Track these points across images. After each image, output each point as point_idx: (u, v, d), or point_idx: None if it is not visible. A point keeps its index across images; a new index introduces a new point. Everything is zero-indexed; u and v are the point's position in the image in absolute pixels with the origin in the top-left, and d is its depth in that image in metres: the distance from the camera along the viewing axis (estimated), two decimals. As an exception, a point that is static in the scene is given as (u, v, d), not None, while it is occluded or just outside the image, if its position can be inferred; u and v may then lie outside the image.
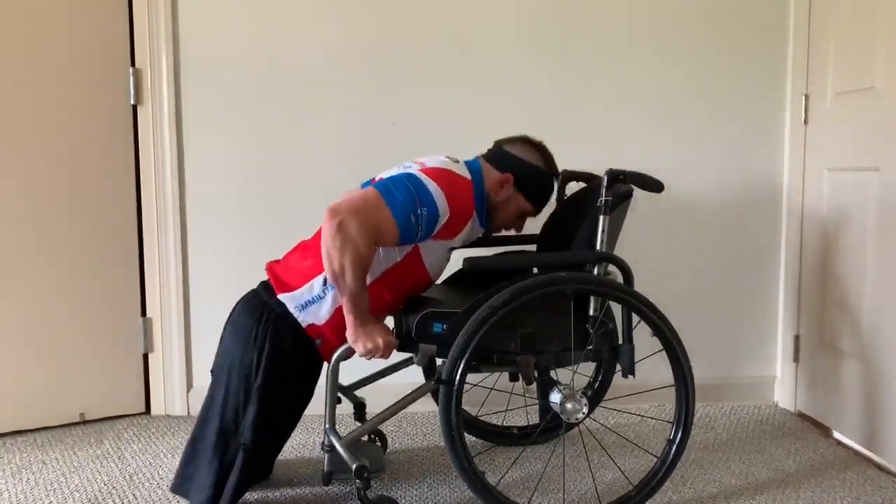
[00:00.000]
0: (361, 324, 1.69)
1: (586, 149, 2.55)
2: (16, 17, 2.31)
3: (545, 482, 2.01)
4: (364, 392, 2.08)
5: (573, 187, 2.13)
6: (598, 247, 1.72)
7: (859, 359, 2.21)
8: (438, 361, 1.83)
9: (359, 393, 2.08)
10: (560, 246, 1.94)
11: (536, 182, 1.90)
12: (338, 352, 1.78)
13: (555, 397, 1.74)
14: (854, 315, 2.24)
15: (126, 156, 2.51)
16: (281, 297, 1.78)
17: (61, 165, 2.40)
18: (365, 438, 2.09)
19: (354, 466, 1.67)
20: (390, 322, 1.86)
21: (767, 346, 2.69)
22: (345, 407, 1.99)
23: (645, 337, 1.75)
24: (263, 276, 1.88)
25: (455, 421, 1.61)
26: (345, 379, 1.92)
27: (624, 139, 2.58)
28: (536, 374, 1.75)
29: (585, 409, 1.73)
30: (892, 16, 2.06)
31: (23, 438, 2.37)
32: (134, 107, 2.50)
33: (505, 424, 2.32)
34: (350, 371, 1.99)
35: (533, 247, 2.19)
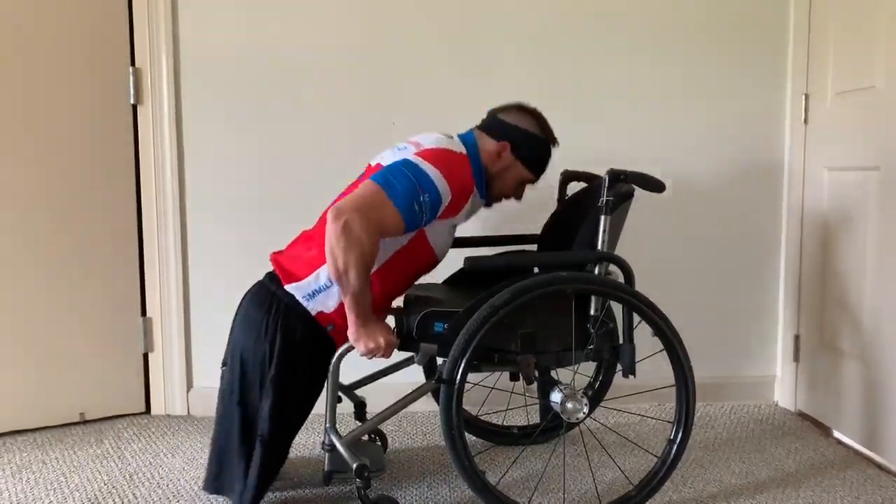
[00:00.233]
0: (363, 323, 1.69)
1: (586, 147, 2.56)
2: (15, 17, 2.31)
3: (545, 482, 2.01)
4: (364, 391, 2.08)
5: (574, 187, 2.14)
6: (599, 247, 1.72)
7: (859, 358, 2.21)
8: (439, 361, 1.83)
9: (359, 392, 2.07)
10: (561, 246, 1.94)
11: (534, 149, 1.88)
12: (338, 351, 1.78)
13: (555, 397, 1.74)
14: (854, 314, 2.24)
15: (126, 155, 2.50)
16: (288, 288, 1.77)
17: (61, 165, 2.40)
18: (365, 438, 2.09)
19: (355, 466, 1.67)
20: (391, 321, 1.86)
21: (767, 346, 2.70)
22: (345, 406, 1.99)
23: (645, 337, 1.75)
24: (264, 275, 1.88)
25: (456, 420, 1.62)
26: (345, 378, 1.92)
27: (623, 138, 2.58)
28: (537, 374, 1.75)
29: (586, 409, 1.73)
30: (893, 15, 2.06)
31: (23, 438, 2.37)
32: (134, 106, 2.50)
33: (505, 424, 2.32)
34: (350, 370, 2.00)
35: (534, 247, 2.19)
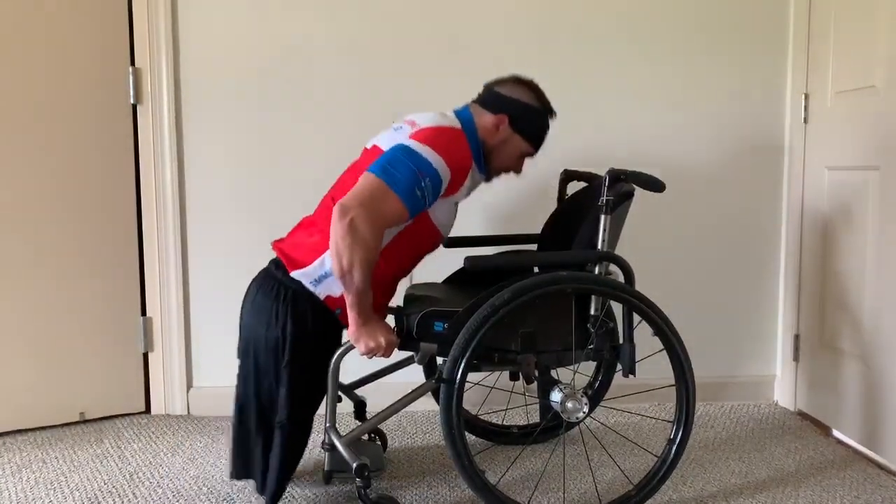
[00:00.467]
0: (364, 322, 1.69)
1: (585, 147, 2.57)
2: (15, 17, 2.31)
3: (545, 481, 2.01)
4: (364, 391, 2.08)
5: (574, 187, 2.14)
6: (600, 246, 1.72)
7: (859, 358, 2.21)
8: (439, 360, 1.84)
9: (359, 392, 2.08)
10: (561, 245, 1.94)
11: (532, 121, 1.87)
12: (338, 351, 1.78)
13: (555, 396, 1.74)
14: (854, 314, 2.24)
15: (126, 155, 2.50)
16: (294, 275, 1.77)
17: (61, 165, 2.40)
18: (365, 437, 2.09)
19: (355, 465, 1.67)
20: (391, 321, 1.86)
21: (767, 346, 2.70)
22: (345, 406, 1.99)
23: (646, 336, 1.75)
24: (268, 263, 1.87)
25: (456, 420, 1.62)
26: (345, 378, 1.92)
27: (623, 138, 2.58)
28: (537, 374, 1.75)
29: (586, 409, 1.73)
30: (893, 15, 2.06)
31: (23, 437, 2.37)
32: (134, 106, 2.50)
33: (505, 423, 2.32)
34: (350, 370, 2.00)
35: (534, 246, 2.19)
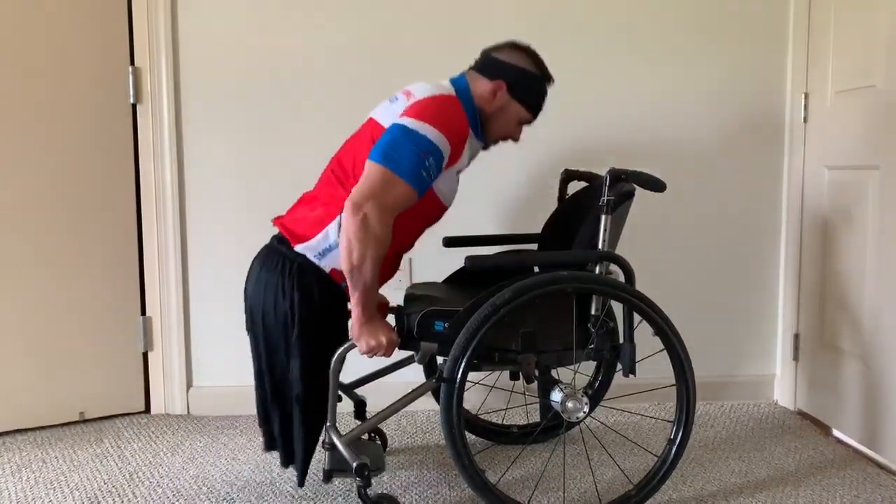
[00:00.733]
0: (367, 320, 1.69)
1: (584, 146, 2.57)
2: (15, 16, 2.31)
3: (545, 481, 2.01)
4: (364, 390, 2.08)
5: (574, 186, 2.14)
6: (600, 246, 1.72)
7: (859, 357, 2.21)
8: (439, 360, 1.84)
9: (359, 391, 2.08)
10: (561, 245, 1.94)
11: (529, 86, 1.85)
12: (339, 350, 1.78)
13: (556, 396, 1.74)
14: (854, 313, 2.24)
15: (125, 155, 2.50)
16: (298, 249, 1.76)
17: (61, 164, 2.40)
18: (365, 437, 2.09)
19: (355, 464, 1.66)
20: (391, 320, 1.86)
21: (767, 345, 2.70)
22: (345, 405, 1.99)
23: (646, 336, 1.75)
24: (270, 238, 1.87)
25: (456, 419, 1.62)
26: (345, 377, 1.92)
27: (622, 138, 2.58)
28: (537, 373, 1.75)
29: (586, 408, 1.73)
30: (892, 14, 2.06)
31: (22, 437, 2.37)
32: (133, 105, 2.50)
33: (505, 423, 2.32)
34: (351, 369, 2.00)
35: (534, 246, 2.19)
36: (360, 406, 2.08)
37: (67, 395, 2.46)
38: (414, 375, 2.12)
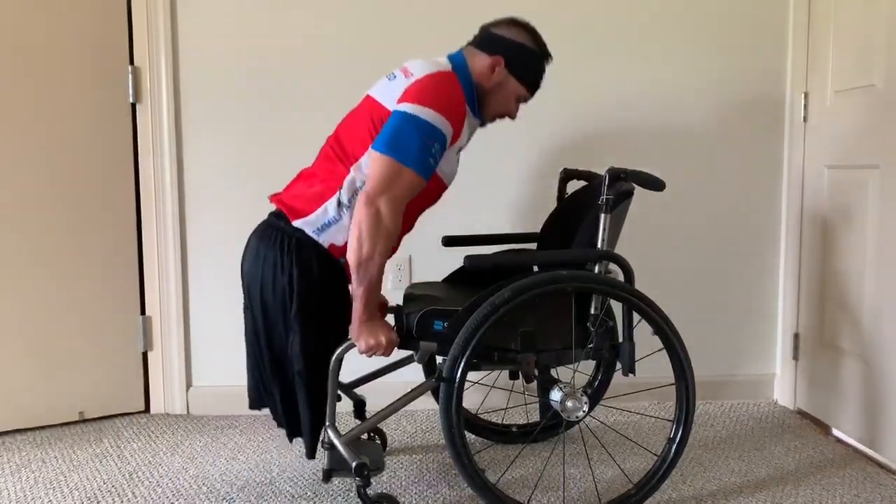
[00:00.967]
0: (368, 319, 1.70)
1: (584, 145, 2.57)
2: (15, 16, 2.30)
3: (545, 480, 2.01)
4: (364, 390, 2.08)
5: (574, 186, 2.14)
6: (599, 245, 1.72)
7: (859, 357, 2.21)
8: (438, 359, 1.83)
9: (358, 391, 2.07)
10: (561, 244, 1.94)
11: (528, 62, 1.84)
12: (338, 350, 1.78)
13: (555, 395, 1.74)
14: (854, 313, 2.24)
15: (125, 154, 2.50)
16: (297, 224, 1.75)
17: (60, 164, 2.40)
18: (364, 436, 2.09)
19: (354, 464, 1.66)
20: (391, 320, 1.86)
21: (767, 344, 2.70)
22: (344, 405, 1.99)
23: (645, 335, 1.75)
24: (268, 214, 1.87)
25: (455, 419, 1.62)
26: (345, 377, 1.92)
27: (622, 137, 2.58)
28: (536, 373, 1.75)
29: (586, 408, 1.73)
30: (892, 13, 2.06)
31: (22, 437, 2.37)
32: (133, 105, 2.50)
33: (504, 423, 2.32)
34: (350, 369, 2.00)
35: (533, 245, 2.19)
36: (360, 405, 2.08)
37: (67, 395, 2.46)
38: (413, 375, 2.12)
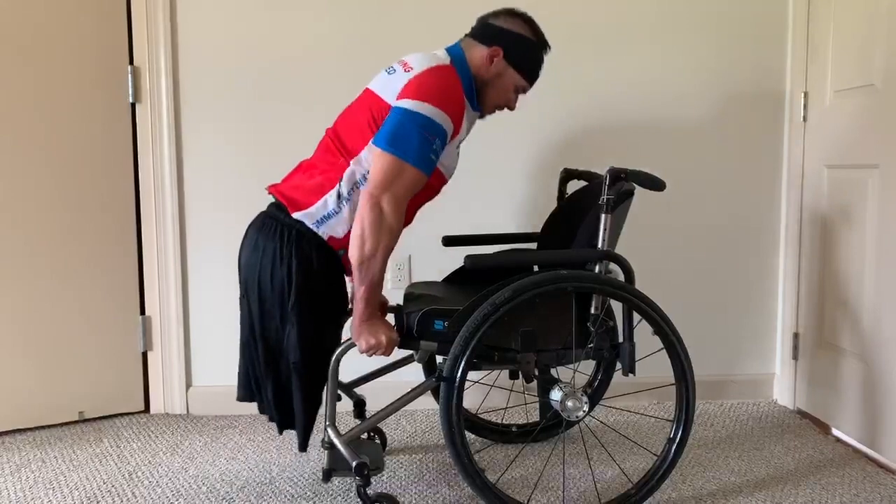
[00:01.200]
0: (368, 317, 1.70)
1: (584, 145, 2.57)
2: (14, 16, 2.30)
3: (545, 480, 2.01)
4: (364, 389, 2.08)
5: (574, 186, 2.14)
6: (600, 245, 1.72)
7: (859, 356, 2.21)
8: (439, 359, 1.83)
9: (358, 390, 2.08)
10: (561, 244, 1.94)
11: (526, 52, 1.84)
12: (338, 350, 1.78)
13: (555, 395, 1.74)
14: (853, 313, 2.24)
15: (124, 154, 2.50)
16: (296, 216, 1.75)
17: (60, 164, 2.40)
18: (364, 436, 2.09)
19: (354, 464, 1.67)
20: (391, 319, 1.86)
21: (767, 344, 2.70)
22: (344, 404, 1.99)
23: (645, 335, 1.75)
24: (267, 206, 1.86)
25: (455, 419, 1.62)
26: (345, 376, 1.92)
27: (622, 137, 2.58)
28: (537, 372, 1.75)
29: (586, 407, 1.73)
30: (891, 13, 2.06)
31: (22, 437, 2.36)
32: (132, 105, 2.50)
33: (505, 422, 2.32)
34: (350, 368, 2.00)
35: (534, 245, 2.19)
36: (360, 405, 2.08)
37: (67, 395, 2.46)
38: (413, 375, 2.12)
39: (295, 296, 1.71)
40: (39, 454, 2.22)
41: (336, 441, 1.74)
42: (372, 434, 2.16)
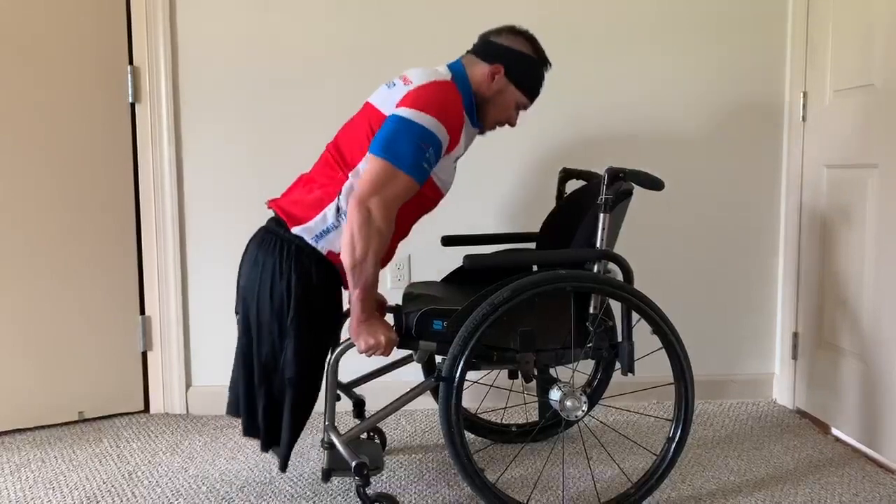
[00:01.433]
0: (366, 318, 1.70)
1: (584, 145, 2.57)
2: (14, 16, 2.30)
3: (544, 480, 2.01)
4: (363, 389, 2.08)
5: (572, 185, 2.14)
6: (599, 245, 1.72)
7: (858, 356, 2.21)
8: (438, 359, 1.84)
9: (358, 390, 2.08)
10: (560, 244, 1.94)
11: (527, 70, 1.85)
12: (337, 349, 1.78)
13: (554, 395, 1.74)
14: (853, 312, 2.24)
15: (124, 154, 2.50)
16: (295, 231, 1.75)
17: (59, 164, 2.40)
18: (364, 436, 2.09)
19: (354, 464, 1.67)
20: (390, 319, 1.86)
21: (766, 344, 2.70)
22: (344, 404, 2.00)
23: (645, 335, 1.75)
24: (266, 221, 1.87)
25: (455, 418, 1.62)
26: (344, 376, 1.92)
27: (621, 136, 2.58)
28: (536, 372, 1.75)
29: (585, 407, 1.74)
30: (891, 13, 2.06)
31: (22, 437, 2.37)
32: (132, 105, 2.50)
33: (504, 422, 2.32)
34: (349, 368, 2.00)
35: (532, 245, 2.19)
36: (359, 405, 2.08)
37: (66, 395, 2.46)
38: (413, 374, 2.12)
39: (294, 310, 1.71)
40: (39, 454, 2.22)
41: (336, 441, 1.74)
42: (371, 434, 2.16)
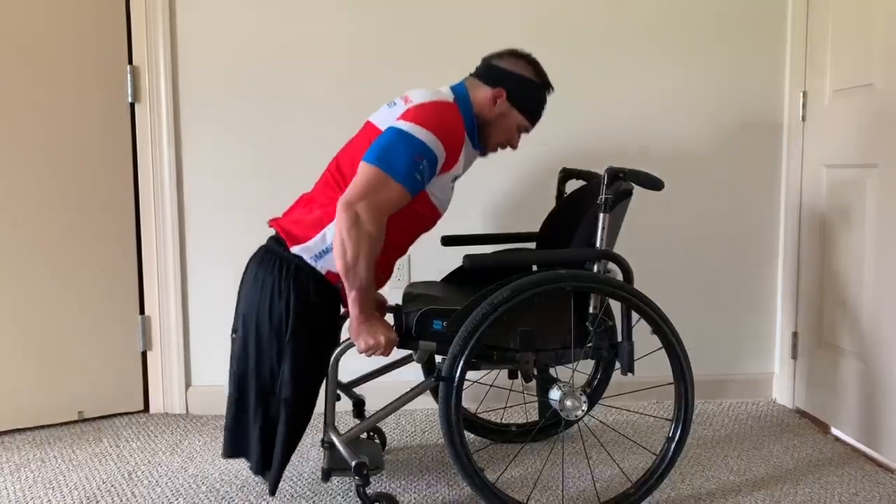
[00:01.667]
0: (365, 319, 1.70)
1: (584, 145, 2.57)
2: (14, 15, 2.30)
3: (544, 479, 2.01)
4: (363, 389, 2.08)
5: (572, 185, 2.14)
6: (598, 244, 1.72)
7: (857, 356, 2.22)
8: (438, 358, 1.84)
9: (358, 390, 2.08)
10: (560, 244, 1.94)
11: (529, 94, 1.86)
12: (337, 349, 1.78)
13: (554, 394, 1.74)
14: (852, 312, 2.24)
15: (124, 154, 2.50)
16: (295, 250, 1.76)
17: (59, 163, 2.40)
18: (364, 436, 2.09)
19: (353, 463, 1.67)
20: (390, 319, 1.87)
21: (766, 344, 2.70)
22: (344, 404, 2.00)
23: (644, 334, 1.75)
24: (267, 240, 1.87)
25: (455, 418, 1.62)
26: (344, 376, 1.92)
27: (621, 136, 2.58)
28: (535, 372, 1.75)
29: (584, 407, 1.74)
30: (891, 13, 2.06)
31: (21, 436, 2.37)
32: (132, 105, 2.50)
33: (504, 422, 2.32)
34: (349, 368, 2.00)
35: (532, 245, 2.19)
36: (359, 405, 2.08)
37: (66, 395, 2.46)
38: (413, 374, 2.12)
39: (292, 330, 1.72)
40: (39, 454, 2.22)
41: (335, 441, 1.75)
42: (371, 434, 2.16)
